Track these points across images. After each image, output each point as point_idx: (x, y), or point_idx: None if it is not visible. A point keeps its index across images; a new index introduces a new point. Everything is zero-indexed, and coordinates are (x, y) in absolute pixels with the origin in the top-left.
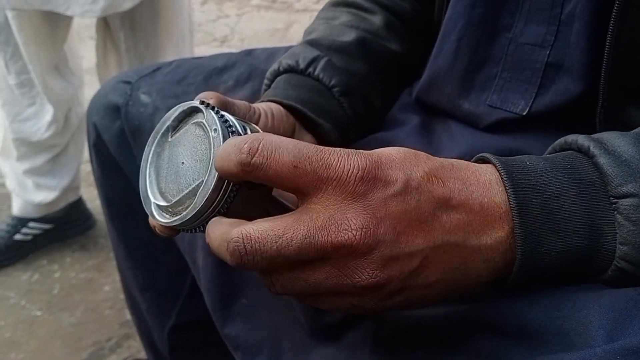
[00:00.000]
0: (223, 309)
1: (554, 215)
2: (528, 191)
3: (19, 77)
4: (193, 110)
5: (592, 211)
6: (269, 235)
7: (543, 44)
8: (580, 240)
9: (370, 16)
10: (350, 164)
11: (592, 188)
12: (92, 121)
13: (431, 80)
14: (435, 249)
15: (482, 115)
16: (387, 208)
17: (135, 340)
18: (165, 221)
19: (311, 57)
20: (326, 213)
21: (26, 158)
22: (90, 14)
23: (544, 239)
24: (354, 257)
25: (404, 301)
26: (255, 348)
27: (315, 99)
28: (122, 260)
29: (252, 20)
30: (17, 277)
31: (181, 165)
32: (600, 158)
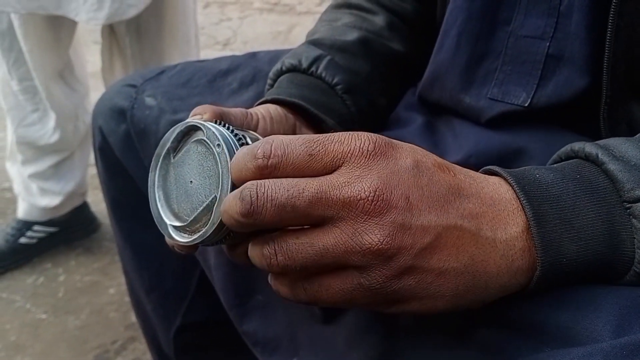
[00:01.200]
0: (239, 306)
1: (572, 224)
2: (542, 202)
3: (22, 83)
4: (191, 129)
5: (609, 218)
6: (282, 183)
7: (543, 36)
8: (601, 247)
9: (372, 17)
10: (361, 139)
11: (605, 195)
12: (98, 124)
13: (433, 75)
14: (449, 229)
15: (484, 109)
16: (400, 178)
17: (141, 342)
18: (185, 241)
19: (314, 56)
20: (340, 177)
21: (31, 162)
22: (95, 22)
23: (565, 249)
24: (365, 217)
25: (415, 285)
26: (274, 343)
27: (319, 97)
28: (128, 262)
29: (254, 23)
30: (22, 280)
31: (190, 184)
32: (610, 165)
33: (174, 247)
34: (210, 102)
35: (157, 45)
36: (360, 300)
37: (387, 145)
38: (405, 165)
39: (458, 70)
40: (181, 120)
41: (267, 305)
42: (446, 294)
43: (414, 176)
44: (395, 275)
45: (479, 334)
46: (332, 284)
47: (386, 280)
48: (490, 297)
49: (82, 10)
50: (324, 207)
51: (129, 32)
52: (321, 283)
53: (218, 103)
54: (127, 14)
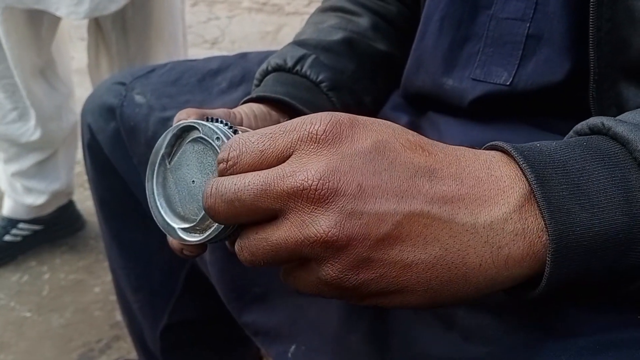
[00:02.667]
0: (237, 299)
1: (582, 190)
2: (546, 166)
3: (1, 81)
4: (184, 131)
5: (624, 183)
6: (232, 179)
7: (523, 18)
8: (619, 216)
9: (356, 18)
10: (313, 122)
11: (616, 159)
12: (87, 122)
13: (417, 61)
14: (412, 216)
15: (467, 90)
16: (353, 163)
17: (125, 341)
18: (197, 239)
19: (299, 55)
20: (287, 167)
21: (13, 161)
22: (75, 16)
23: (576, 217)
24: (310, 207)
25: (377, 280)
26: (274, 331)
27: (304, 94)
28: (115, 260)
29: (242, 23)
30: (7, 278)
31: (192, 184)
32: (617, 127)
33: (182, 251)
34: (199, 100)
35: (143, 42)
36: (329, 293)
37: (343, 125)
38: (362, 148)
39: (441, 54)
40: (170, 118)
41: (265, 296)
42: (417, 289)
43: (370, 160)
44: (350, 268)
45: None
46: (301, 277)
47: (341, 274)
48: (478, 292)
49: (62, 5)
50: (270, 199)
51: (115, 28)
52: (294, 275)
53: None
54: (108, 9)
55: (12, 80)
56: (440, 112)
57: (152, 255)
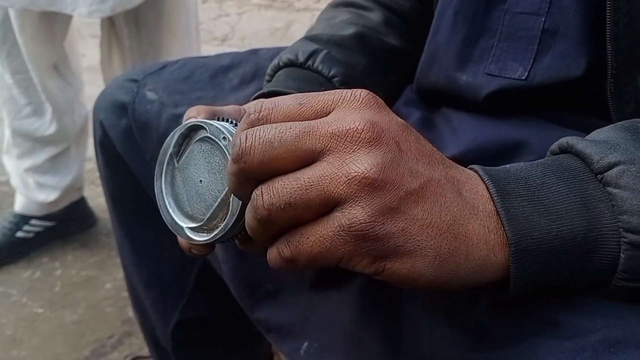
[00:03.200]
0: (250, 296)
1: (540, 200)
2: (509, 182)
3: (15, 76)
4: (191, 130)
5: (581, 192)
6: (271, 125)
7: (538, 12)
8: (577, 221)
9: (368, 13)
10: (355, 90)
11: (576, 172)
12: (99, 119)
13: (430, 57)
14: (434, 182)
15: (482, 85)
16: (391, 125)
17: (137, 337)
18: (205, 239)
19: (310, 50)
20: (331, 116)
21: (27, 156)
22: (99, 14)
23: (536, 222)
24: (355, 147)
25: (399, 234)
26: (287, 328)
27: (316, 90)
28: (127, 257)
29: (252, 19)
30: (19, 274)
31: (199, 183)
32: (578, 145)
33: (190, 250)
34: (211, 97)
35: (155, 38)
36: (342, 249)
37: (381, 102)
38: (396, 120)
39: (455, 49)
40: (182, 115)
41: (277, 293)
42: (429, 253)
43: (403, 130)
44: (379, 214)
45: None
46: (313, 231)
47: (370, 218)
48: (474, 273)
49: (82, 4)
50: (312, 139)
51: (128, 24)
52: (302, 232)
53: (213, 103)
54: (132, 2)
55: (26, 76)
56: (454, 107)
57: (164, 252)
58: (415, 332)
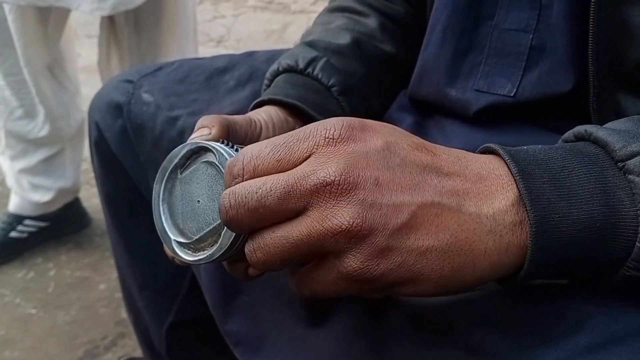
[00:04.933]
0: (224, 305)
1: (562, 183)
2: (530, 162)
3: (7, 78)
4: (201, 149)
5: (601, 179)
6: (251, 186)
7: (526, 29)
8: (597, 206)
9: (364, 19)
10: (326, 127)
11: (596, 159)
12: (94, 119)
13: (421, 71)
14: (425, 207)
15: (470, 101)
16: (369, 160)
17: (131, 339)
18: (191, 259)
19: (310, 57)
20: (307, 167)
21: (20, 157)
22: (100, 12)
23: (555, 206)
24: (333, 201)
25: (396, 269)
26: (256, 344)
27: (315, 98)
28: (121, 258)
29: (248, 21)
30: (12, 275)
31: (197, 203)
32: (598, 132)
33: (174, 259)
34: (207, 99)
35: (154, 38)
36: (348, 289)
37: (355, 129)
38: (375, 147)
39: (444, 64)
40: (178, 117)
41: (253, 306)
42: (432, 277)
43: (384, 157)
44: (372, 257)
45: (466, 335)
46: (319, 276)
47: (363, 264)
48: (482, 279)
49: (84, 2)
50: (294, 200)
51: (128, 24)
52: (311, 277)
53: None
54: (133, 2)
55: (19, 78)
56: (446, 116)
57: (158, 253)
58: (403, 353)
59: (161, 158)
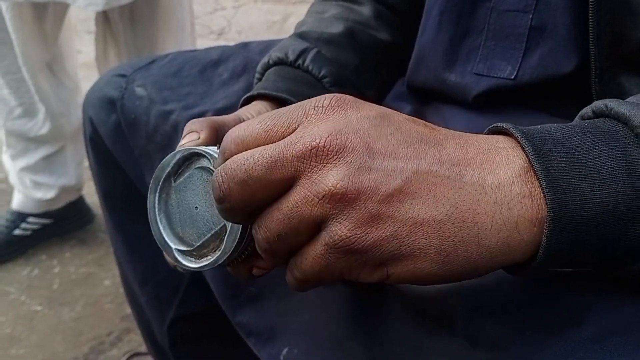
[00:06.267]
0: (232, 298)
1: (582, 162)
2: (545, 141)
3: (5, 77)
4: (194, 155)
5: (624, 156)
6: (238, 159)
7: (525, 9)
8: (621, 187)
9: (358, 7)
10: (318, 98)
11: (617, 135)
12: (88, 115)
13: (418, 57)
14: (421, 174)
15: (470, 85)
16: (360, 125)
17: (136, 334)
18: (194, 266)
19: (300, 49)
20: (294, 135)
21: (21, 156)
22: (94, 7)
23: (576, 186)
24: (320, 165)
25: (388, 239)
26: (268, 333)
27: (305, 90)
28: (121, 254)
29: (249, 13)
30: (17, 272)
31: (195, 209)
32: (620, 107)
33: (175, 267)
34: (200, 92)
35: (150, 32)
36: (337, 265)
37: (348, 100)
38: (368, 115)
39: (441, 49)
40: (172, 111)
41: (260, 296)
42: (430, 251)
43: (376, 125)
44: (360, 225)
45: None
46: (309, 252)
47: (350, 232)
48: (491, 260)
49: None
50: (282, 168)
51: (123, 19)
52: (302, 254)
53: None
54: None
55: (17, 76)
56: (444, 103)
57: (157, 248)
58: (404, 339)
59: (155, 152)
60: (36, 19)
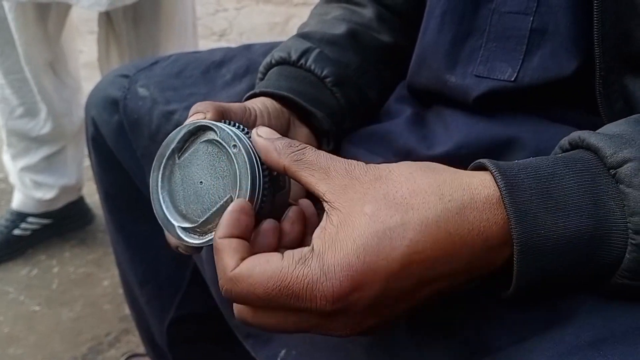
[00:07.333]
0: None
1: (550, 194)
2: (519, 172)
3: (8, 76)
4: (199, 129)
5: (592, 187)
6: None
7: (526, 11)
8: (585, 219)
9: (361, 9)
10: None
11: (588, 164)
12: (91, 115)
13: (419, 58)
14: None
15: (470, 87)
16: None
17: (135, 335)
18: (196, 242)
19: (303, 48)
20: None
21: (22, 156)
22: (98, 7)
23: (542, 219)
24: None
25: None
26: (266, 335)
27: (307, 90)
28: (121, 254)
29: (251, 14)
30: (16, 272)
31: (199, 184)
32: (591, 138)
33: (178, 248)
34: (203, 93)
35: (153, 33)
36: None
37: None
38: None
39: (443, 50)
40: (174, 112)
41: None
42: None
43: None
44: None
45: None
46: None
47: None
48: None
49: None
50: None
51: (126, 19)
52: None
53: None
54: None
55: (19, 76)
56: (445, 105)
57: (158, 248)
58: (405, 344)
59: None
60: (39, 19)
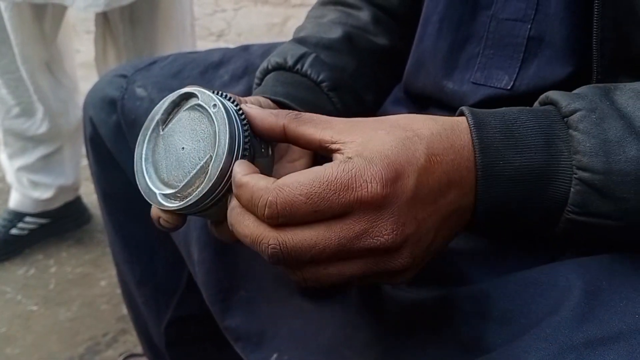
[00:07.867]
0: (222, 301)
1: (512, 133)
2: (487, 115)
3: (3, 76)
4: (183, 99)
5: (548, 131)
6: (304, 245)
7: (524, 19)
8: (538, 156)
9: (357, 12)
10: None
11: (547, 114)
12: (89, 115)
13: (417, 63)
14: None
15: (467, 94)
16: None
17: (132, 335)
18: (176, 205)
19: (299, 54)
20: (357, 226)
21: (18, 155)
22: (94, 8)
23: (502, 153)
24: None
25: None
26: (256, 338)
27: (304, 95)
28: (119, 255)
29: (249, 15)
30: (13, 271)
31: (181, 150)
32: (553, 95)
33: (159, 221)
34: None
35: (150, 33)
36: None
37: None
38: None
39: (440, 56)
40: None
41: (251, 300)
42: None
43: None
44: None
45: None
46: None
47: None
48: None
49: None
50: (346, 254)
51: (123, 19)
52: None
53: None
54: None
55: (15, 76)
56: (442, 109)
57: (156, 249)
58: (400, 347)
59: None
60: (35, 18)
